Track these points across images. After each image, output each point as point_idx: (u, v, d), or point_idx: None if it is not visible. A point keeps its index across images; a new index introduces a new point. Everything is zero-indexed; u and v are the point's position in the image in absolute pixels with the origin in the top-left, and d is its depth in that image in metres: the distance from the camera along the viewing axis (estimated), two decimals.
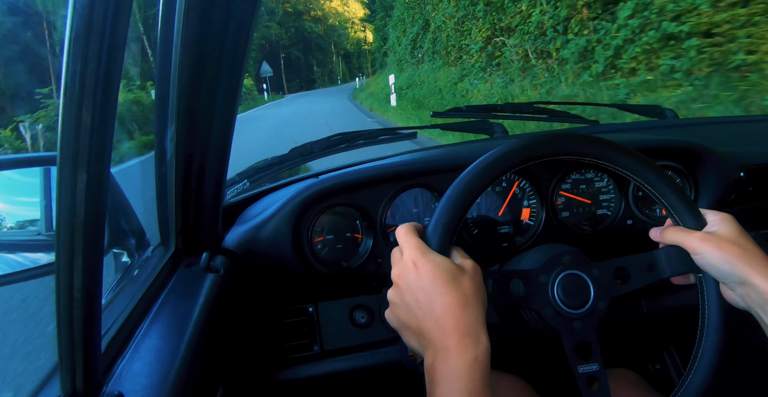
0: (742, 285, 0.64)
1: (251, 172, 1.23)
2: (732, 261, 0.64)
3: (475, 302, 0.59)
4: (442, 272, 0.60)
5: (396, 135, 1.28)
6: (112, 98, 0.41)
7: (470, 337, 0.56)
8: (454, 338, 0.56)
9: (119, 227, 1.03)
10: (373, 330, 1.04)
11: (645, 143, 1.07)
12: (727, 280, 0.66)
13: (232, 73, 0.61)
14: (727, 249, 0.65)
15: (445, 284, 0.59)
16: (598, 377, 0.66)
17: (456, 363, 0.55)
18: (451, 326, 0.57)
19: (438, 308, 0.58)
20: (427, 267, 0.60)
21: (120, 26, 0.39)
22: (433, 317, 0.58)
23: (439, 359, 0.56)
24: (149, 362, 0.59)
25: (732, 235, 0.66)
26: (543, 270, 0.69)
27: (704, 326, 0.69)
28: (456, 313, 0.57)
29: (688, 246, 0.68)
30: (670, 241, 0.71)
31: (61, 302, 0.45)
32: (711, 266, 0.67)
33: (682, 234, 0.69)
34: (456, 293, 0.58)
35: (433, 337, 0.57)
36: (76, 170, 0.41)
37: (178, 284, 0.76)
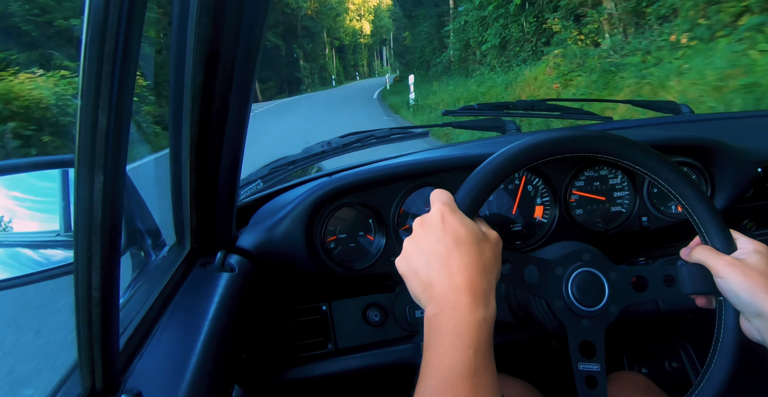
0: (760, 317, 0.63)
1: (264, 172, 1.24)
2: (754, 291, 0.63)
3: (492, 268, 0.60)
4: (467, 233, 0.60)
5: (408, 134, 1.28)
6: (127, 100, 0.42)
7: (482, 298, 0.56)
8: (466, 296, 0.56)
9: (135, 227, 1.04)
10: (386, 329, 1.04)
11: (660, 140, 1.06)
12: (746, 309, 0.65)
13: (245, 74, 0.62)
14: (752, 278, 0.64)
15: (467, 245, 0.59)
16: (597, 378, 0.66)
17: (466, 319, 0.54)
18: (465, 284, 0.56)
19: (455, 264, 0.58)
20: (454, 224, 0.60)
21: (134, 28, 0.40)
22: (447, 271, 0.58)
23: (447, 312, 0.55)
24: (166, 360, 0.59)
25: (761, 266, 0.65)
26: (561, 263, 0.69)
27: (715, 352, 0.68)
28: (471, 273, 0.57)
29: (712, 267, 0.67)
30: (696, 259, 0.70)
31: (80, 301, 0.46)
32: (732, 293, 0.65)
33: (709, 254, 0.68)
34: (475, 256, 0.58)
35: (443, 291, 0.57)
36: (93, 172, 0.42)
37: (194, 283, 0.77)
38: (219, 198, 0.77)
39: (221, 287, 0.76)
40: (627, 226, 1.09)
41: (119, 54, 0.39)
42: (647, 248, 1.17)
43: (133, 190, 1.02)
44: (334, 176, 0.97)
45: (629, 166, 0.70)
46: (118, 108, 0.41)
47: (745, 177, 1.08)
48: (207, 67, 0.59)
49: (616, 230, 1.08)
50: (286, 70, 49.60)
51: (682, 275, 0.70)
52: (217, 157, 0.70)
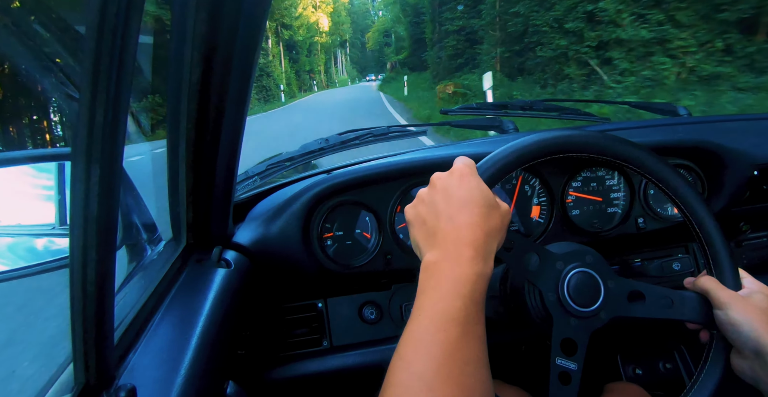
0: (757, 356, 0.63)
1: (262, 169, 1.24)
2: (755, 329, 0.63)
3: (496, 234, 0.60)
4: (480, 195, 0.61)
5: (407, 132, 1.28)
6: (124, 94, 0.41)
7: (482, 255, 0.57)
8: (469, 250, 0.56)
9: (132, 221, 1.04)
10: (382, 326, 1.04)
11: (658, 142, 1.06)
12: (743, 345, 0.65)
13: (244, 69, 0.62)
14: (754, 314, 0.64)
15: (478, 206, 0.60)
16: (572, 376, 0.65)
17: (465, 270, 0.55)
18: (470, 239, 0.57)
19: (463, 220, 0.59)
20: (472, 184, 0.61)
21: (132, 22, 0.40)
22: (455, 224, 0.59)
23: (447, 261, 0.56)
24: (161, 355, 0.59)
25: (763, 305, 0.65)
26: (563, 258, 0.69)
27: (696, 382, 0.68)
28: (477, 232, 0.58)
29: (715, 298, 0.68)
30: (700, 288, 0.70)
31: (75, 296, 0.46)
32: (730, 326, 0.65)
33: (714, 285, 0.69)
34: (483, 217, 0.59)
35: (447, 241, 0.58)
36: (90, 165, 0.41)
37: (190, 278, 0.77)
38: (216, 194, 0.77)
39: (217, 282, 0.76)
40: (623, 227, 1.09)
41: (117, 48, 0.39)
42: (642, 249, 1.17)
43: (129, 185, 1.02)
44: (331, 173, 0.97)
45: (656, 184, 0.72)
46: (116, 102, 0.41)
47: (741, 179, 1.08)
48: (205, 63, 0.59)
49: (612, 231, 1.08)
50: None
51: (680, 301, 0.70)
52: (215, 153, 0.70)
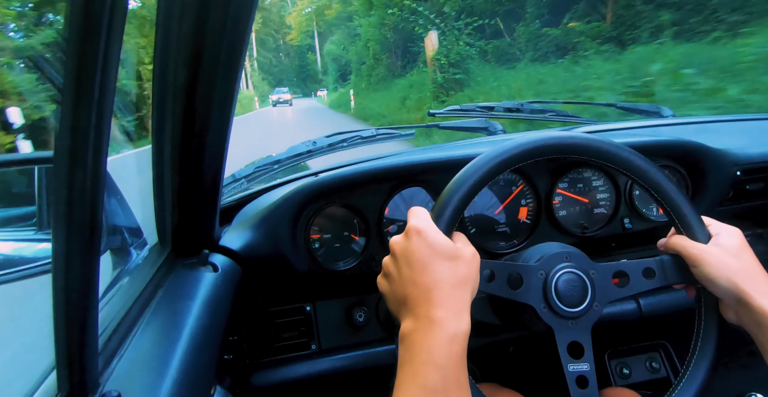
0: (738, 303, 0.64)
1: (249, 172, 1.23)
2: (729, 278, 0.64)
3: (465, 284, 0.60)
4: (440, 249, 0.60)
5: (394, 134, 1.28)
6: (109, 97, 0.41)
7: (455, 313, 0.57)
8: (439, 311, 0.56)
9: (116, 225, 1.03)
10: (370, 329, 1.04)
11: (642, 143, 1.08)
12: (723, 296, 0.66)
13: (230, 72, 0.61)
14: (726, 264, 0.65)
15: (440, 262, 0.59)
16: (587, 378, 0.66)
17: (437, 335, 0.55)
18: (438, 300, 0.57)
19: (428, 280, 0.58)
20: (428, 241, 0.61)
21: (116, 24, 0.39)
22: (420, 287, 0.58)
23: (420, 328, 0.56)
24: (146, 361, 0.58)
25: (734, 250, 0.66)
26: (542, 266, 0.69)
27: (698, 339, 0.69)
28: (444, 289, 0.58)
29: (687, 257, 0.68)
30: (671, 249, 0.71)
31: (58, 301, 0.45)
32: (708, 281, 0.66)
33: (683, 243, 0.69)
34: (449, 272, 0.59)
35: (417, 306, 0.58)
36: (73, 169, 0.41)
37: (176, 283, 0.76)
38: (202, 197, 0.76)
39: (203, 287, 0.75)
40: (610, 227, 1.10)
41: (101, 51, 0.39)
42: (629, 249, 1.18)
43: (113, 188, 1.01)
44: (319, 176, 0.97)
45: (604, 165, 0.70)
46: (100, 105, 0.40)
47: (725, 179, 1.10)
48: (191, 65, 0.58)
49: (599, 232, 1.09)
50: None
51: (660, 267, 0.71)
52: (201, 155, 0.70)
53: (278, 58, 71.64)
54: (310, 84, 68.72)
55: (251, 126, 16.02)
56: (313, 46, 65.40)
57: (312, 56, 68.38)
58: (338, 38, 39.95)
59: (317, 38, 60.86)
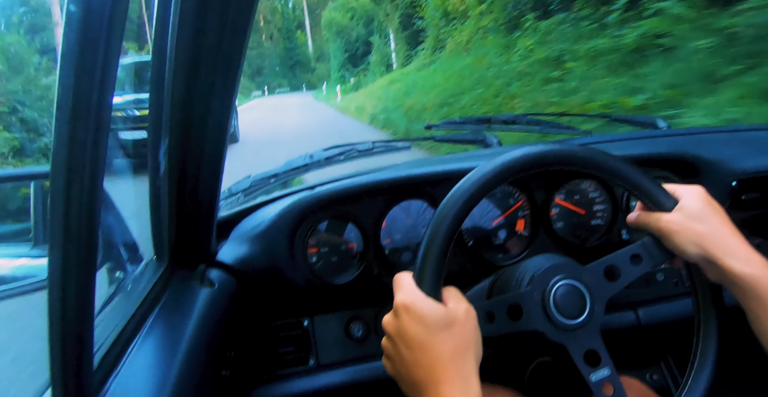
0: (711, 264, 0.63)
1: (246, 186, 1.23)
2: (697, 242, 0.63)
3: (467, 350, 0.58)
4: (432, 321, 0.58)
5: (391, 147, 1.28)
6: (106, 112, 0.41)
7: (461, 386, 0.56)
8: (446, 388, 0.55)
9: (112, 240, 1.02)
10: (369, 343, 1.03)
11: (638, 154, 1.08)
12: (698, 261, 0.65)
13: (226, 87, 0.61)
14: (691, 229, 0.64)
15: (435, 334, 0.58)
16: (612, 382, 0.65)
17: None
18: (441, 375, 0.56)
19: (428, 358, 0.57)
20: (417, 315, 0.59)
21: (114, 40, 0.39)
22: (423, 367, 0.57)
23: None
24: (142, 378, 0.58)
25: (697, 211, 0.65)
26: (535, 287, 0.68)
27: (699, 311, 0.69)
28: (446, 362, 0.57)
29: (655, 231, 0.67)
30: (640, 226, 0.70)
31: (54, 317, 0.45)
32: (679, 250, 0.65)
33: (648, 219, 0.68)
34: (447, 343, 0.57)
35: (425, 387, 0.57)
36: (70, 185, 0.41)
37: (172, 298, 0.75)
38: (199, 211, 0.76)
39: (200, 302, 0.75)
40: (607, 239, 1.10)
41: (99, 64, 0.39)
42: None
43: (110, 204, 1.00)
44: (316, 189, 0.97)
45: (566, 169, 0.70)
46: (97, 120, 0.40)
47: (721, 190, 1.10)
48: (187, 79, 0.58)
49: (596, 243, 1.09)
50: None
51: (645, 251, 0.70)
52: (197, 170, 0.70)
53: (257, 39, 50.72)
54: (301, 73, 52.81)
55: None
56: (302, 22, 51.00)
57: (302, 36, 53.78)
58: (344, 1, 28.11)
59: (308, 14, 46.33)
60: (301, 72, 53.83)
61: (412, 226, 1.03)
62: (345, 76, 28.42)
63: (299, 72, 54.00)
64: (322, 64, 50.21)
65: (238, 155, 7.42)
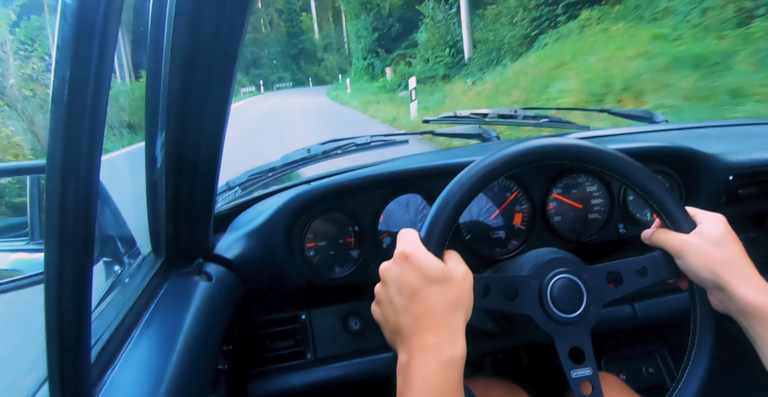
0: (720, 291, 0.64)
1: (243, 180, 1.23)
2: (711, 267, 0.64)
3: (458, 307, 0.59)
4: (430, 273, 0.59)
5: (389, 141, 1.28)
6: (102, 105, 0.41)
7: (448, 338, 0.56)
8: (432, 337, 0.56)
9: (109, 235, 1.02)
10: (366, 337, 1.03)
11: (635, 148, 1.08)
12: (706, 285, 0.66)
13: (223, 79, 0.61)
14: (707, 254, 0.65)
15: (430, 286, 0.59)
16: (591, 382, 0.66)
17: (431, 361, 0.55)
18: (430, 325, 0.57)
19: (419, 306, 0.58)
20: (416, 265, 0.60)
21: (110, 33, 0.39)
22: (412, 314, 0.58)
23: (415, 357, 0.56)
24: (140, 372, 0.58)
25: (716, 238, 0.65)
26: (535, 275, 0.69)
27: (696, 330, 0.69)
28: (436, 314, 0.57)
29: (670, 249, 0.68)
30: (655, 243, 0.71)
31: (51, 312, 0.44)
32: (690, 272, 0.66)
33: (665, 237, 0.69)
34: (440, 296, 0.58)
35: (410, 334, 0.57)
36: (66, 178, 0.40)
37: (170, 292, 0.75)
38: (196, 205, 0.75)
39: (198, 296, 0.75)
40: (604, 233, 1.10)
41: (94, 58, 0.38)
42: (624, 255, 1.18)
43: (107, 198, 1.00)
44: (313, 183, 0.97)
45: (584, 167, 0.70)
46: (92, 113, 0.40)
47: (718, 184, 1.10)
48: (183, 73, 0.58)
49: (593, 237, 1.09)
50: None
51: (651, 263, 0.71)
52: (194, 164, 0.69)
53: (253, 24, 42.63)
54: (306, 65, 45.05)
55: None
56: (308, 3, 42.90)
57: (307, 20, 44.62)
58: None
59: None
60: (306, 63, 45.71)
61: (409, 220, 1.03)
62: (374, 65, 20.36)
63: (304, 63, 45.67)
64: (330, 55, 42.01)
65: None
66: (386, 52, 19.71)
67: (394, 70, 17.78)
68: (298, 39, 45.00)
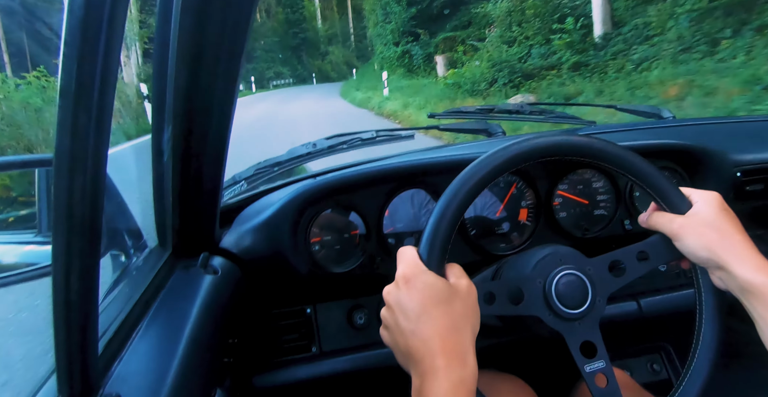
0: (720, 270, 0.64)
1: (249, 174, 1.23)
2: (709, 247, 0.64)
3: (465, 325, 0.59)
4: (432, 294, 0.59)
5: (394, 136, 1.28)
6: (108, 99, 0.41)
7: (457, 359, 0.56)
8: (442, 359, 0.56)
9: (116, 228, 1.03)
10: (371, 331, 1.04)
11: (643, 145, 1.08)
12: (706, 265, 0.66)
13: (229, 72, 0.61)
14: (704, 234, 0.64)
15: (435, 307, 0.58)
16: (605, 374, 0.66)
17: (442, 384, 0.54)
18: (438, 347, 0.56)
19: (426, 329, 0.57)
20: (418, 287, 0.59)
21: (116, 26, 0.39)
22: (420, 337, 0.57)
23: (427, 381, 0.55)
24: (147, 364, 0.58)
25: (711, 217, 0.65)
26: (539, 274, 0.68)
27: (701, 312, 0.69)
28: (443, 335, 0.57)
29: (667, 232, 0.68)
30: (652, 226, 0.71)
31: (58, 304, 0.45)
32: (689, 253, 0.66)
33: (661, 220, 0.69)
34: (445, 316, 0.58)
35: (421, 357, 0.57)
36: (73, 172, 0.41)
37: (176, 285, 0.76)
38: (202, 199, 0.76)
39: (204, 289, 0.75)
40: (610, 229, 1.10)
41: (101, 52, 0.39)
42: None
43: (114, 191, 1.01)
44: (319, 178, 0.97)
45: (578, 160, 0.70)
46: (99, 107, 0.40)
47: (725, 181, 1.10)
48: (190, 66, 0.58)
49: (599, 233, 1.09)
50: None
51: (652, 249, 0.71)
52: (201, 158, 0.70)
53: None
54: (308, 58, 39.36)
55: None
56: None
57: (310, 6, 39.67)
58: None
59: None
60: (309, 56, 39.85)
61: (414, 215, 1.03)
62: (411, 53, 14.90)
63: (306, 56, 39.68)
64: (336, 48, 36.45)
65: None
66: (430, 35, 13.72)
67: (449, 59, 12.58)
68: (300, 27, 38.68)
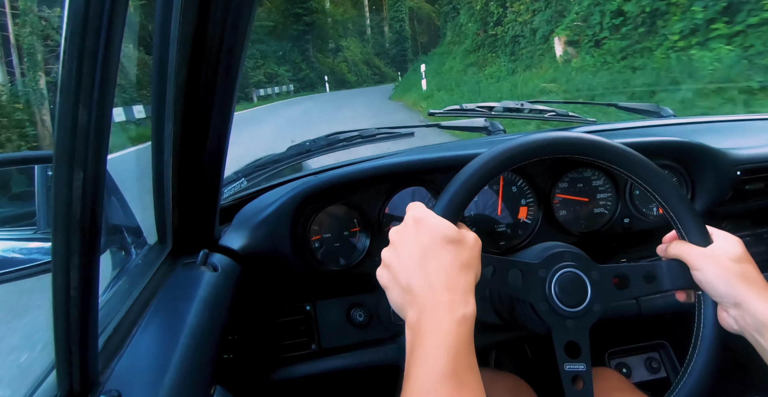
0: (737, 307, 0.64)
1: (249, 171, 1.23)
2: (729, 281, 0.64)
3: (470, 268, 0.60)
4: (442, 233, 0.60)
5: (395, 134, 1.28)
6: (109, 96, 0.41)
7: (460, 296, 0.57)
8: (445, 295, 0.56)
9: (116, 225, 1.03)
10: (370, 329, 1.04)
11: (643, 143, 1.08)
12: (723, 300, 0.66)
13: (230, 71, 0.61)
14: (726, 268, 0.65)
15: (443, 245, 0.59)
16: (583, 378, 0.66)
17: (445, 318, 0.54)
18: (442, 284, 0.57)
19: (431, 265, 0.58)
20: (428, 226, 0.61)
21: (116, 23, 0.39)
22: (424, 273, 0.58)
23: (427, 314, 0.55)
24: (146, 361, 0.58)
25: (734, 256, 0.66)
26: (543, 265, 0.69)
27: (696, 346, 0.69)
28: (448, 273, 0.58)
29: (688, 260, 0.68)
30: (673, 254, 0.71)
31: (58, 301, 0.45)
32: (708, 284, 0.66)
33: (684, 248, 0.69)
34: (451, 256, 0.59)
35: (422, 293, 0.57)
36: (72, 168, 0.41)
37: (175, 282, 0.76)
38: (202, 196, 0.76)
39: (203, 286, 0.75)
40: (610, 227, 1.10)
41: (101, 49, 0.39)
42: (629, 249, 1.18)
43: (113, 188, 1.01)
44: (319, 175, 0.97)
45: (607, 167, 0.71)
46: (100, 104, 0.40)
47: (725, 180, 1.10)
48: (190, 64, 0.58)
49: (599, 231, 1.09)
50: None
51: (661, 272, 0.71)
52: (200, 155, 0.70)
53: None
54: (318, 55, 29.36)
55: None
56: None
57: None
58: None
59: None
60: (317, 51, 29.46)
61: None
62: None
63: (314, 51, 29.07)
64: (352, 41, 27.54)
65: None
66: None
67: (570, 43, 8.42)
68: (303, 7, 26.79)
